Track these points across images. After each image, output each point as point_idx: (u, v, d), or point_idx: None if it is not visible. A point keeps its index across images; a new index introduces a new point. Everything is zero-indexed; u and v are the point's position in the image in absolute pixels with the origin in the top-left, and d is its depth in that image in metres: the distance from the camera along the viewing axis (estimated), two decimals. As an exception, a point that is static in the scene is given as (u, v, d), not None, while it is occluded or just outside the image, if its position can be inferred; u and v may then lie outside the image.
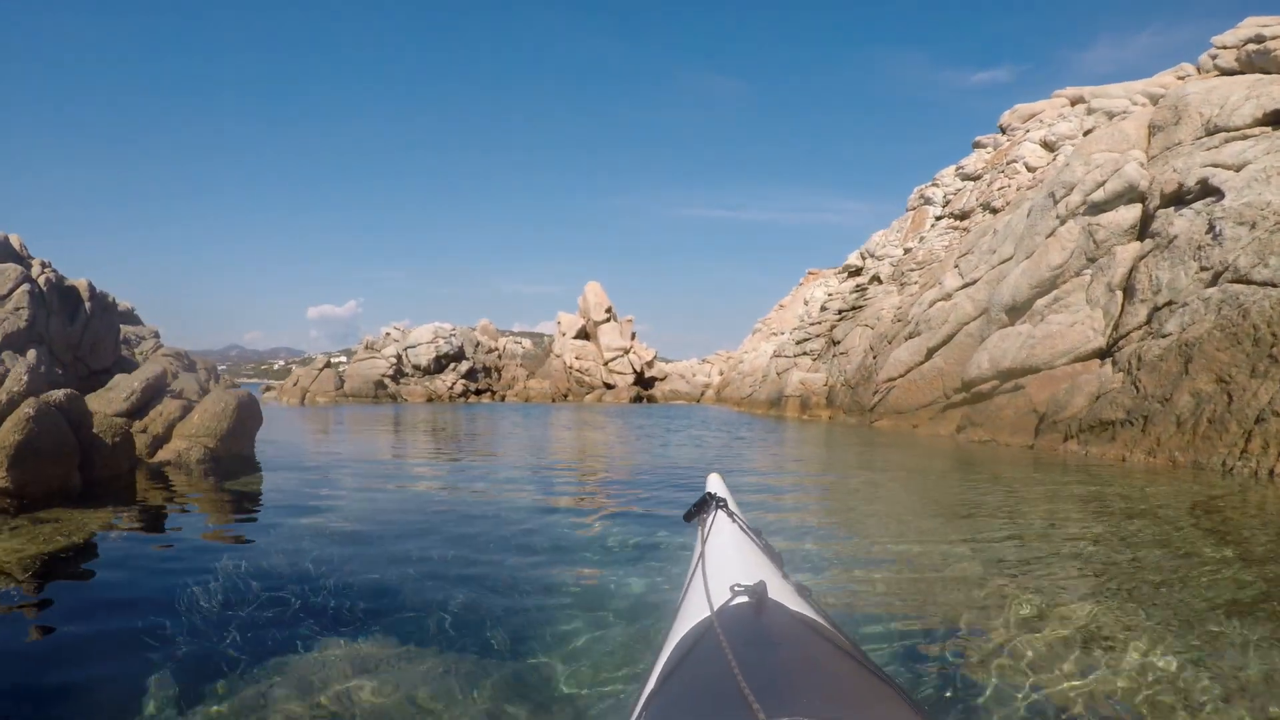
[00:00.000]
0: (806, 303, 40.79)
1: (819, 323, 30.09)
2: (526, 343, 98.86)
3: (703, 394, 61.55)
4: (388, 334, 52.61)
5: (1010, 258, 17.83)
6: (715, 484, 2.68)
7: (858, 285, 29.79)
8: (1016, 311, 16.30)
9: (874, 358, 23.22)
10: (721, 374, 66.77)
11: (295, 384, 40.48)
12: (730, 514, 2.26)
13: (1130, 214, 15.37)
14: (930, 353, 18.77)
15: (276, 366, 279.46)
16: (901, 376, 19.55)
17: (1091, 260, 15.47)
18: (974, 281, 18.72)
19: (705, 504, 2.36)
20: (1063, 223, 16.42)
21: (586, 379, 59.54)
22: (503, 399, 51.36)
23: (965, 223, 28.12)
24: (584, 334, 63.42)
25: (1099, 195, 15.86)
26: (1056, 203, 16.88)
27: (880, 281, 29.02)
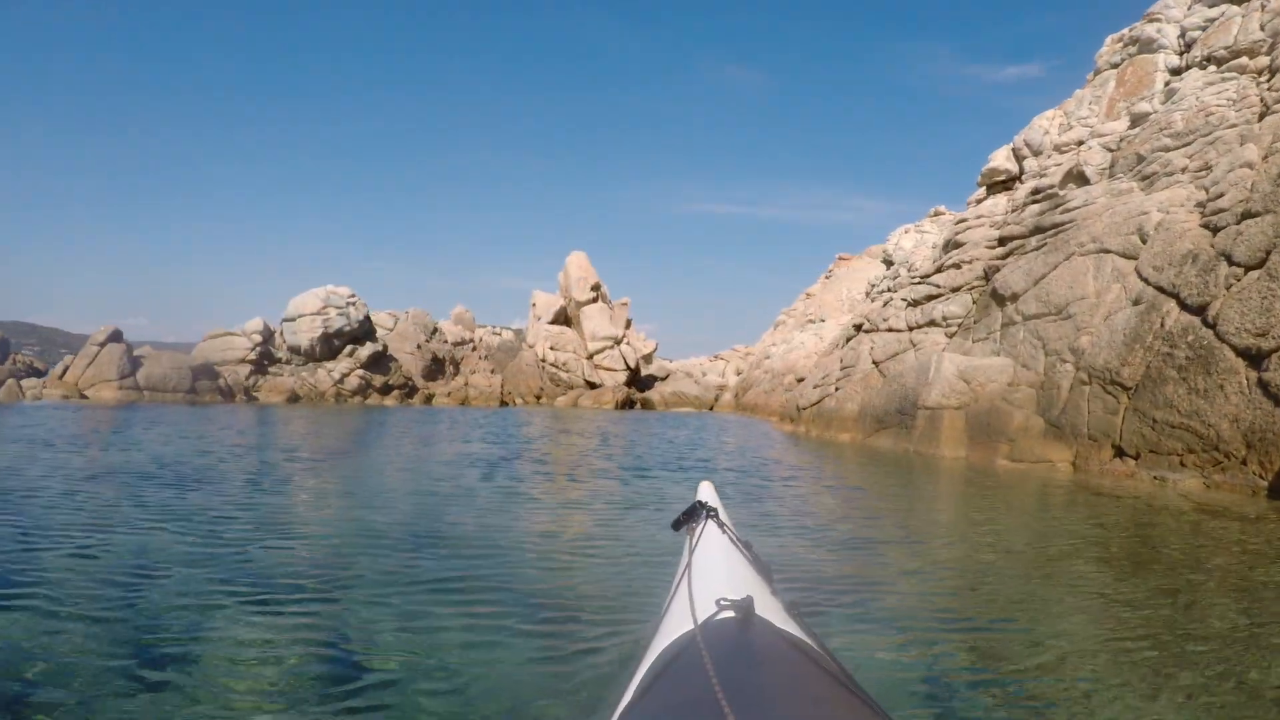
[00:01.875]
0: (889, 262, 26.49)
1: (956, 265, 15.78)
2: (508, 334, 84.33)
3: (717, 398, 47.27)
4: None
5: None
6: (706, 492, 2.41)
7: (1036, 193, 15.50)
8: None
9: (1180, 307, 9.08)
10: (739, 373, 52.65)
11: (64, 372, 26.42)
12: (720, 524, 2.10)
13: None
14: None
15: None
16: None
17: None
18: None
19: (695, 512, 2.19)
20: None
21: (563, 375, 45.33)
22: (429, 400, 37.07)
23: (1253, 62, 14.34)
24: (564, 318, 49.26)
25: None
26: None
27: (1086, 179, 14.81)
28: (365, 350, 34.36)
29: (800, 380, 30.11)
